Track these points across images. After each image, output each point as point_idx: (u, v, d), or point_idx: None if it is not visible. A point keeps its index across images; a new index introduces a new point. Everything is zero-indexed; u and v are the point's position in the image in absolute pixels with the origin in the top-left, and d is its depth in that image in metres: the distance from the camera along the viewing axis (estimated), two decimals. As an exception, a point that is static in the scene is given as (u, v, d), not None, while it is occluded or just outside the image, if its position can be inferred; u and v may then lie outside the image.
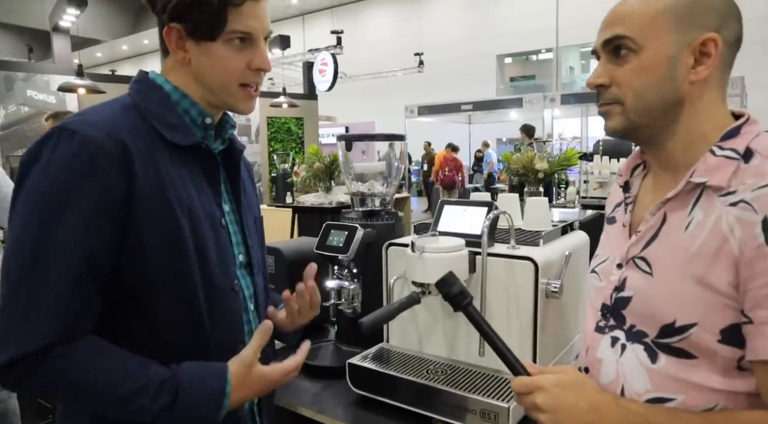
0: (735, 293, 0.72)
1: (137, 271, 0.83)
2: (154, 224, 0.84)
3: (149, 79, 0.94)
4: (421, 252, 1.10)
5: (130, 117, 0.87)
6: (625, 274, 0.85)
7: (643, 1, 0.79)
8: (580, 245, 1.36)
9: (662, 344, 0.78)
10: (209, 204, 0.93)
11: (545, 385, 0.76)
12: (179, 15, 0.88)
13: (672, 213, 0.80)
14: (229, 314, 0.94)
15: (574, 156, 3.34)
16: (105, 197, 0.80)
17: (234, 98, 0.95)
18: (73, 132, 0.80)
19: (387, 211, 1.52)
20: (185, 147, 0.90)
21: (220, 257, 0.92)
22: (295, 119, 7.90)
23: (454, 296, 0.89)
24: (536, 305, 1.12)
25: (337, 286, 1.43)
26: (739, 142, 0.77)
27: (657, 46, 0.78)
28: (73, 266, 0.79)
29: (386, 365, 1.22)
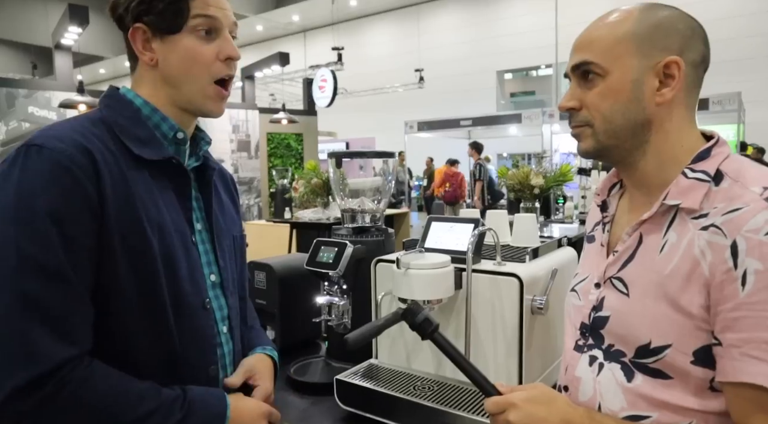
0: (706, 315, 0.73)
1: (105, 285, 0.81)
2: (124, 240, 0.81)
3: (119, 94, 0.93)
4: (407, 268, 1.11)
5: (96, 131, 0.85)
6: (603, 293, 0.86)
7: (607, 27, 0.82)
8: (568, 260, 1.37)
9: (639, 363, 0.79)
10: (179, 220, 0.91)
11: (516, 402, 0.77)
12: (142, 12, 0.87)
13: (648, 235, 0.82)
14: (199, 333, 0.92)
15: (569, 172, 3.36)
16: (81, 207, 0.78)
17: (204, 96, 0.92)
18: (39, 147, 0.79)
19: (377, 227, 1.53)
20: (155, 162, 0.88)
21: (191, 275, 0.90)
22: (294, 135, 7.95)
23: (419, 325, 0.89)
24: (521, 322, 1.12)
25: (327, 302, 1.43)
26: (710, 164, 0.78)
27: (621, 71, 0.80)
28: (62, 279, 0.76)
29: (374, 382, 1.22)
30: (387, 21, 18.84)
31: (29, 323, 0.73)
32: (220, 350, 0.96)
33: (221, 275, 0.99)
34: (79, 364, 0.76)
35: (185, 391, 0.84)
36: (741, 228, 0.70)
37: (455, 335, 1.20)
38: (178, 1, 0.87)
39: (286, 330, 1.63)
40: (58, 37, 5.40)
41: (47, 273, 0.75)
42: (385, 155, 1.59)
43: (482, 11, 16.82)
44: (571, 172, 3.39)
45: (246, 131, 7.35)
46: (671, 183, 0.79)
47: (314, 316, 1.47)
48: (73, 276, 0.77)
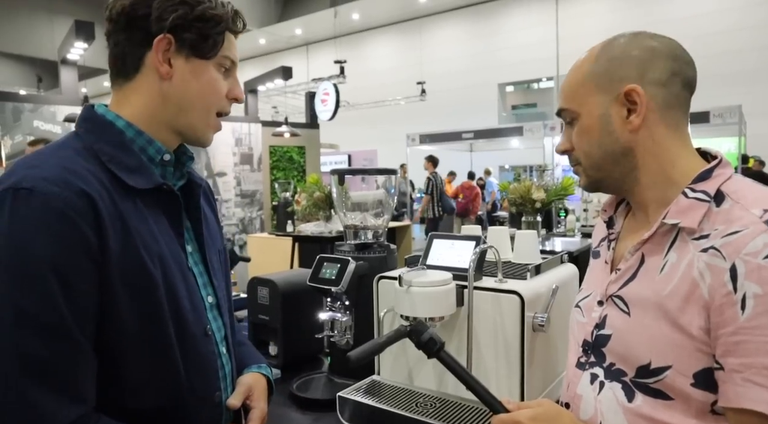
0: (706, 337, 0.73)
1: (111, 328, 0.77)
2: (127, 279, 0.78)
3: (98, 115, 0.87)
4: (409, 286, 1.12)
5: (84, 162, 0.80)
6: (605, 311, 0.87)
7: (573, 72, 0.89)
8: (569, 277, 1.38)
9: (640, 383, 0.80)
10: (175, 248, 0.88)
11: (522, 420, 0.78)
12: (180, 27, 0.85)
13: (649, 255, 0.82)
14: (203, 360, 0.90)
15: (571, 185, 3.37)
16: (80, 254, 0.73)
17: (206, 125, 0.93)
18: (29, 191, 0.72)
19: (379, 243, 1.54)
20: (146, 190, 0.85)
21: (191, 303, 0.88)
22: (297, 148, 7.99)
23: (425, 343, 0.91)
24: (523, 339, 1.13)
25: (330, 318, 1.44)
26: (711, 184, 0.79)
27: (588, 110, 0.86)
28: (63, 334, 0.72)
29: (376, 398, 1.22)
30: (389, 34, 18.98)
31: (32, 386, 0.69)
32: (221, 372, 0.95)
33: (216, 295, 0.97)
34: (86, 423, 0.74)
35: None
36: (740, 251, 0.70)
37: (457, 352, 1.21)
38: (220, 33, 0.89)
39: (288, 346, 1.64)
40: (64, 52, 5.46)
41: (47, 329, 0.71)
42: (387, 172, 1.60)
43: (483, 24, 16.95)
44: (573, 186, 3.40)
45: (249, 144, 7.38)
46: (671, 203, 0.80)
47: (317, 332, 1.48)
48: (75, 329, 0.73)
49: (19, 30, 17.89)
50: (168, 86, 0.87)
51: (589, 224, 5.26)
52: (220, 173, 6.98)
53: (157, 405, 0.83)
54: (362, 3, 16.74)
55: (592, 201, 5.37)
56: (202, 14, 0.86)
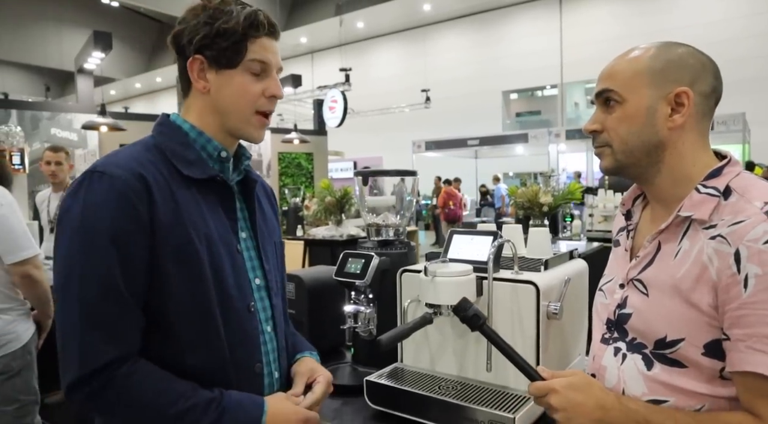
0: (715, 313, 0.84)
1: (159, 295, 0.91)
2: (174, 251, 0.92)
3: (170, 121, 1.04)
4: (434, 276, 1.22)
5: (150, 155, 0.97)
6: (626, 293, 0.98)
7: (628, 61, 0.94)
8: (580, 271, 1.47)
9: (658, 354, 0.90)
10: (225, 231, 1.01)
11: (557, 387, 0.89)
12: (205, 46, 0.97)
13: (665, 243, 0.93)
14: (245, 334, 1.01)
15: (577, 190, 3.46)
16: (135, 227, 0.89)
17: (248, 124, 1.03)
18: (101, 173, 0.91)
19: (400, 241, 1.64)
20: (201, 180, 0.99)
21: (236, 280, 1.00)
22: (305, 154, 8.12)
23: (470, 318, 1.03)
24: (538, 326, 1.22)
25: (354, 310, 1.53)
26: (721, 181, 0.89)
27: (637, 99, 0.92)
28: (116, 291, 0.87)
29: (401, 382, 1.32)
30: (393, 42, 19.16)
31: (85, 328, 0.86)
32: (264, 348, 1.06)
33: (266, 278, 1.09)
34: (124, 363, 0.88)
35: (222, 394, 0.93)
36: (743, 238, 0.81)
37: (477, 338, 1.30)
38: (238, 43, 0.98)
39: (314, 337, 1.72)
40: (81, 61, 5.61)
41: (103, 286, 0.87)
42: (408, 174, 1.70)
43: (487, 32, 17.09)
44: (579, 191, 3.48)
45: (258, 151, 7.51)
46: (685, 197, 0.90)
47: (339, 324, 1.57)
48: (127, 289, 0.88)
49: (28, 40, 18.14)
50: (209, 98, 1.02)
51: (594, 228, 5.35)
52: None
53: (202, 367, 0.95)
54: (367, 11, 16.93)
55: (597, 206, 5.46)
56: (218, 30, 0.97)
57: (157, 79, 22.84)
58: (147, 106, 24.36)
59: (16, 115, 5.34)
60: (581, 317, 1.48)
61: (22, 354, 2.19)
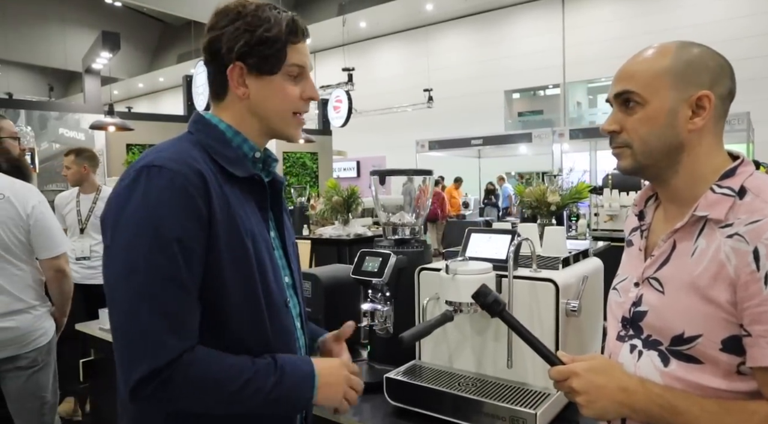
0: (733, 309, 0.85)
1: (214, 287, 0.94)
2: (227, 246, 0.94)
3: (205, 119, 1.05)
4: (455, 274, 1.24)
5: (198, 154, 0.98)
6: (641, 292, 0.99)
7: (648, 62, 0.94)
8: (595, 269, 1.49)
9: (674, 350, 0.91)
10: (262, 229, 1.04)
11: (578, 371, 0.90)
12: (245, 53, 0.99)
13: (680, 241, 0.94)
14: (285, 329, 1.05)
15: (585, 190, 3.48)
16: (195, 222, 0.90)
17: (288, 125, 1.07)
18: (160, 168, 0.91)
19: (416, 239, 1.66)
20: (242, 178, 1.01)
21: (275, 277, 1.03)
22: (309, 154, 8.14)
23: (489, 304, 1.03)
24: (557, 323, 1.24)
25: (371, 308, 1.55)
26: (735, 181, 0.91)
27: (659, 101, 0.92)
28: (180, 284, 0.89)
29: (420, 379, 1.33)
30: (396, 42, 19.15)
31: (153, 323, 0.87)
32: (297, 343, 1.10)
33: (293, 277, 1.13)
34: (188, 352, 0.90)
35: (275, 358, 0.97)
36: (761, 236, 0.82)
37: (495, 335, 1.32)
38: (280, 50, 1.00)
39: (330, 335, 1.75)
40: (89, 62, 5.64)
41: (169, 280, 0.88)
42: (423, 173, 1.72)
43: (490, 32, 17.08)
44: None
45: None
46: (701, 197, 0.92)
47: (355, 323, 1.59)
48: (189, 283, 0.90)
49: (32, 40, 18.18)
50: (248, 103, 1.04)
51: (600, 228, 5.37)
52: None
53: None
54: (370, 11, 16.91)
55: (602, 206, 5.47)
56: (260, 38, 0.98)
57: (160, 79, 22.85)
58: (150, 105, 24.36)
59: (24, 115, 5.37)
60: (598, 314, 1.50)
61: (48, 350, 2.25)
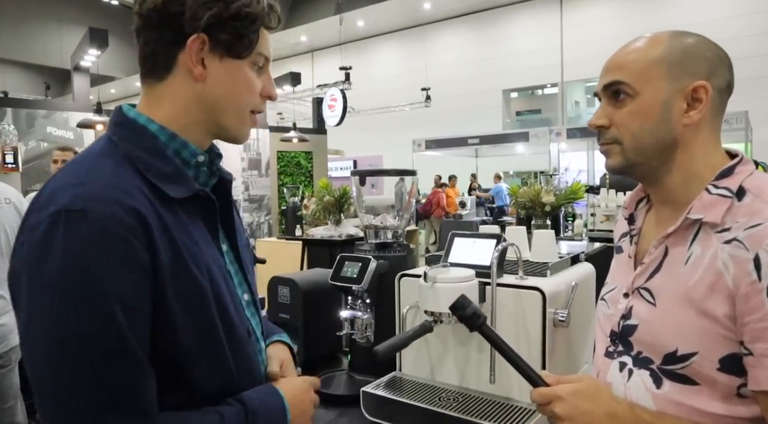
0: (732, 324, 0.76)
1: (167, 341, 0.77)
2: (178, 292, 0.77)
3: (130, 119, 0.84)
4: (434, 282, 1.15)
5: (128, 175, 0.78)
6: (631, 303, 0.90)
7: (640, 50, 0.86)
8: (586, 276, 1.40)
9: (666, 370, 0.83)
10: (214, 253, 0.87)
11: (562, 394, 0.81)
12: (215, 26, 0.81)
13: (673, 247, 0.85)
14: (249, 359, 0.91)
15: (581, 190, 3.40)
16: (137, 274, 0.73)
17: (243, 124, 0.90)
18: (82, 212, 0.70)
19: (399, 243, 1.58)
20: (184, 198, 0.83)
21: (234, 306, 0.88)
22: (304, 153, 8.05)
23: (468, 317, 0.94)
24: (544, 334, 1.16)
25: (351, 316, 1.47)
26: (733, 181, 0.82)
27: (652, 92, 0.84)
28: (126, 354, 0.72)
29: (399, 393, 1.25)
30: (393, 41, 19.08)
31: (103, 413, 0.70)
32: (262, 366, 0.97)
33: (251, 291, 0.97)
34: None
35: (243, 402, 0.84)
36: (762, 242, 0.74)
37: (479, 347, 1.24)
38: (255, 32, 0.85)
39: (309, 344, 1.67)
40: (78, 59, 5.55)
41: (113, 354, 0.71)
42: (407, 173, 1.64)
43: (487, 31, 17.02)
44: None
45: (257, 150, 7.45)
46: (695, 199, 0.83)
47: (336, 330, 1.51)
48: (138, 349, 0.73)
49: (28, 38, 18.09)
50: (202, 88, 0.84)
51: (596, 228, 5.29)
52: (227, 177, 7.02)
53: (215, 402, 0.83)
54: (367, 10, 16.85)
55: (599, 206, 5.40)
56: (238, 12, 0.81)
57: (157, 78, 22.80)
58: (146, 104, 24.31)
59: (11, 113, 5.28)
60: (588, 324, 1.42)
61: (18, 350, 2.21)
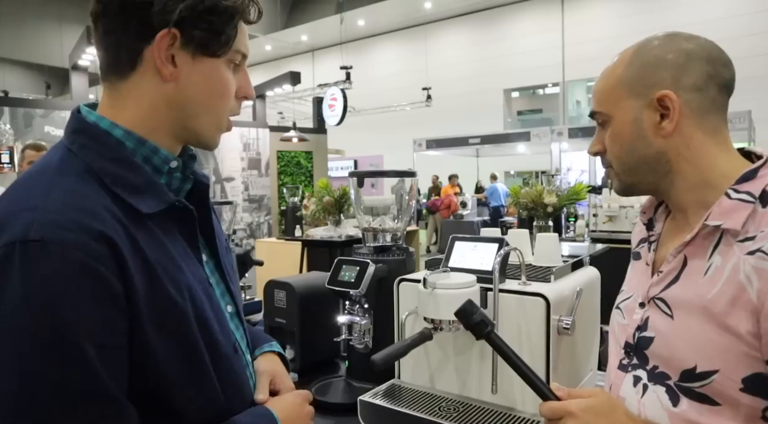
0: (756, 342, 0.71)
1: (149, 371, 0.70)
2: (158, 320, 0.70)
3: (91, 125, 0.74)
4: (433, 288, 1.11)
5: (91, 193, 0.69)
6: (647, 314, 0.85)
7: (606, 76, 0.88)
8: (591, 281, 1.36)
9: (684, 387, 0.77)
10: (195, 267, 0.79)
11: (575, 410, 0.76)
12: (188, 21, 0.72)
13: (692, 257, 0.80)
14: (237, 378, 0.84)
15: (583, 190, 3.35)
16: (110, 307, 0.65)
17: (219, 129, 0.82)
18: (42, 243, 0.61)
19: (398, 246, 1.53)
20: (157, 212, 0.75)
21: (219, 323, 0.81)
22: (304, 153, 8.01)
23: (475, 324, 0.89)
24: (548, 342, 1.11)
25: (349, 321, 1.43)
26: (756, 185, 0.77)
27: (621, 114, 0.85)
28: (102, 398, 0.64)
29: (398, 402, 1.21)
30: (394, 40, 19.05)
31: None
32: (251, 380, 0.91)
33: (235, 302, 0.90)
34: None
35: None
36: None
37: (481, 355, 1.19)
38: (233, 28, 0.77)
39: (305, 350, 1.63)
40: (75, 58, 5.50)
41: (88, 399, 0.63)
42: (406, 174, 1.59)
43: (489, 30, 16.98)
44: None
45: (256, 149, 7.40)
46: (713, 205, 0.78)
47: (334, 335, 1.47)
48: (115, 389, 0.65)
49: (29, 37, 18.07)
50: (172, 89, 0.75)
51: (599, 229, 5.24)
52: (227, 178, 7.00)
53: None
54: (368, 9, 16.81)
55: (601, 206, 5.35)
56: (215, 6, 0.74)
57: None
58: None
59: (8, 112, 5.24)
60: (593, 330, 1.38)
61: None
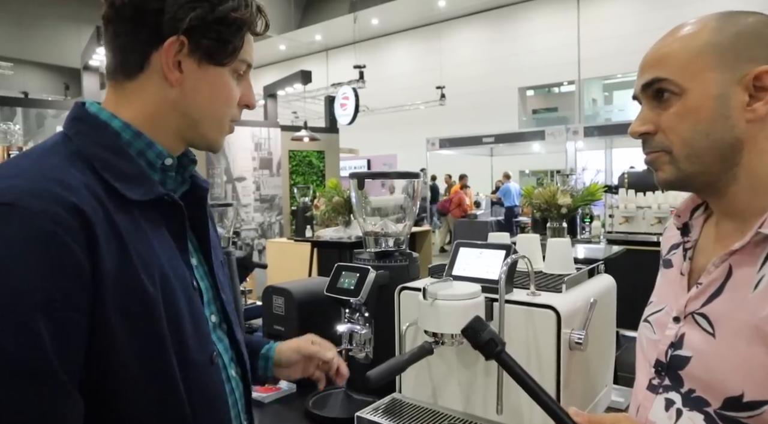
0: None
1: (105, 363, 0.66)
2: (124, 308, 0.67)
3: (91, 115, 0.76)
4: (434, 299, 1.04)
5: (75, 171, 0.68)
6: (683, 330, 0.76)
7: (681, 40, 0.73)
8: (606, 290, 1.27)
9: (728, 417, 0.68)
10: (178, 265, 0.77)
11: None
12: (197, 30, 0.74)
13: (739, 268, 0.72)
14: (210, 390, 0.79)
15: (599, 191, 3.25)
16: (71, 281, 0.62)
17: (221, 133, 0.83)
18: (10, 206, 0.60)
19: (401, 251, 1.46)
20: (145, 201, 0.74)
21: (194, 326, 0.76)
22: (316, 152, 7.96)
23: (484, 344, 0.82)
24: (559, 358, 1.03)
25: (348, 330, 1.36)
26: None
27: (701, 87, 0.71)
28: (47, 376, 0.61)
29: (397, 419, 1.14)
30: (408, 39, 18.98)
31: None
32: (231, 397, 0.85)
33: (224, 311, 0.86)
34: None
35: None
36: None
37: (486, 370, 1.12)
38: (240, 38, 0.78)
39: (305, 359, 1.56)
40: (87, 58, 5.51)
41: (31, 375, 0.60)
42: (409, 176, 1.52)
43: (503, 28, 16.83)
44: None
45: (268, 149, 7.38)
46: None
47: (334, 344, 1.40)
48: (62, 371, 0.61)
49: (47, 39, 18.30)
50: (176, 94, 0.77)
51: (615, 230, 5.12)
52: (239, 178, 6.98)
53: None
54: (381, 8, 16.75)
55: (618, 207, 5.22)
56: (225, 17, 0.75)
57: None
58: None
59: (21, 112, 5.27)
60: (608, 343, 1.29)
61: None
